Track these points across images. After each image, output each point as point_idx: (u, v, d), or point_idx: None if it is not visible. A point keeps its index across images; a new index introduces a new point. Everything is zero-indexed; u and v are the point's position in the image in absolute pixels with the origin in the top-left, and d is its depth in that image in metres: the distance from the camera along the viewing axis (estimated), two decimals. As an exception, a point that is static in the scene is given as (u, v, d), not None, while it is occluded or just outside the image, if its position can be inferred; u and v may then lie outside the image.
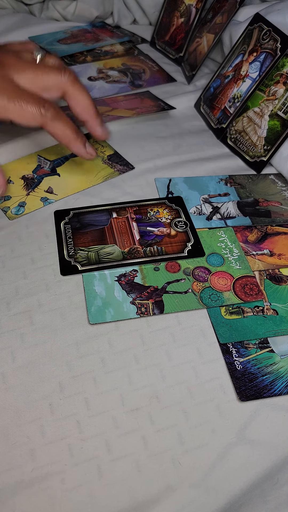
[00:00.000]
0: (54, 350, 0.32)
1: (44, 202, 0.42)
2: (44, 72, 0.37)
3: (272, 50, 0.47)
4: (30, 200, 0.42)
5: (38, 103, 0.36)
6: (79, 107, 0.40)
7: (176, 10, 0.65)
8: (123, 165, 0.47)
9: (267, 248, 0.40)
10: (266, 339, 0.33)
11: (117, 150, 0.49)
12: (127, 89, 0.60)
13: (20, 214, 0.40)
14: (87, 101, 0.40)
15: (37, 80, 0.37)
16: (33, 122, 0.36)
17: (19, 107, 0.35)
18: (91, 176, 0.45)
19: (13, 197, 0.42)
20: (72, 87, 0.38)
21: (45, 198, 0.42)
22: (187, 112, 0.57)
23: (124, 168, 0.47)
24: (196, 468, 0.27)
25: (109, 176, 0.46)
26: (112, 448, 0.28)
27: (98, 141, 0.49)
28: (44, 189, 0.43)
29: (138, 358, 0.32)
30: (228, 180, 0.47)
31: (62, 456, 0.27)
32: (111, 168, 0.46)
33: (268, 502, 0.26)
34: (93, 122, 0.41)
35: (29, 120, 0.36)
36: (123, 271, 0.37)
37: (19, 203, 0.41)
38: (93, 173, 0.46)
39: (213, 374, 0.31)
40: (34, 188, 0.43)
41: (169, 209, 0.42)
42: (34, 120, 0.36)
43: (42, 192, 0.43)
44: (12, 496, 0.26)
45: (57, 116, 0.37)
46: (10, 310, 0.34)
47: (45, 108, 0.36)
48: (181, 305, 0.34)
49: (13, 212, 0.40)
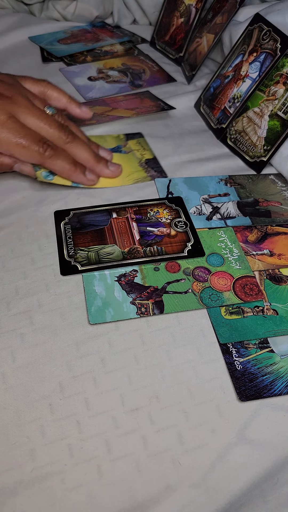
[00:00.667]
0: (54, 350, 0.32)
1: (72, 183, 0.43)
2: (47, 123, 0.40)
3: (272, 50, 0.47)
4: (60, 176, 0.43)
5: (38, 142, 0.39)
6: (78, 159, 0.42)
7: (176, 10, 0.65)
8: (157, 172, 0.47)
9: (267, 248, 0.40)
10: (266, 339, 0.33)
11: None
12: (127, 89, 0.60)
13: (48, 180, 0.42)
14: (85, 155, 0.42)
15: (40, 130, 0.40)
16: (33, 161, 0.40)
17: (21, 147, 0.38)
18: (123, 176, 0.46)
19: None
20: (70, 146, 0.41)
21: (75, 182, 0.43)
22: (187, 112, 0.57)
23: (158, 175, 0.46)
24: (196, 468, 0.27)
25: (141, 179, 0.46)
26: (112, 448, 0.28)
27: (141, 143, 0.50)
28: None
29: (138, 358, 0.32)
30: (228, 180, 0.47)
31: (62, 456, 0.27)
32: (145, 173, 0.46)
33: (268, 502, 0.26)
34: (95, 169, 0.44)
35: (30, 159, 0.39)
36: (123, 271, 0.37)
37: (51, 171, 0.42)
38: (126, 173, 0.46)
39: (213, 374, 0.31)
40: None
41: (169, 209, 0.42)
42: (34, 159, 0.39)
43: None
44: (12, 496, 0.26)
45: (55, 154, 0.40)
46: (10, 310, 0.34)
47: (44, 148, 0.39)
48: (181, 305, 0.34)
49: (43, 175, 0.41)
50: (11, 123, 0.38)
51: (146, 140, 0.51)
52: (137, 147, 0.49)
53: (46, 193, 0.43)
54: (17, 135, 0.38)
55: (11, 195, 0.43)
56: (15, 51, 0.66)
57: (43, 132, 0.40)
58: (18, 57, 0.64)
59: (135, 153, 0.48)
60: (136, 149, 0.49)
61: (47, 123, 0.40)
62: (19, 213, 0.41)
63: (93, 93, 0.59)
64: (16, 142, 0.38)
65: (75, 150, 0.42)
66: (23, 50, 0.66)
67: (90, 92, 0.59)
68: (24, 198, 0.43)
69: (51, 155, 0.39)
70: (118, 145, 0.49)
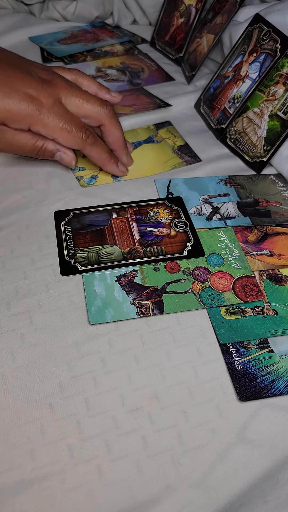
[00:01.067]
0: (54, 350, 0.32)
1: (114, 179, 0.45)
2: (89, 102, 0.41)
3: (271, 50, 0.47)
4: (102, 175, 0.46)
5: (82, 128, 0.40)
6: (111, 138, 0.44)
7: (176, 10, 0.65)
8: (191, 157, 0.49)
9: (267, 248, 0.40)
10: (266, 339, 0.33)
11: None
12: (125, 88, 0.60)
13: (92, 185, 0.44)
14: (119, 134, 0.44)
15: (82, 108, 0.41)
16: (75, 146, 0.41)
17: (66, 131, 0.39)
18: (160, 164, 0.48)
19: (87, 169, 0.46)
20: (110, 121, 0.43)
21: (116, 176, 0.46)
22: (187, 113, 0.57)
23: (192, 159, 0.49)
24: (196, 468, 0.27)
25: (177, 165, 0.48)
26: (112, 448, 0.28)
27: (171, 131, 0.52)
28: None
29: (138, 358, 0.32)
30: (228, 180, 0.47)
31: (62, 456, 0.27)
32: (180, 159, 0.49)
33: (268, 502, 0.26)
34: (120, 152, 0.46)
35: (72, 144, 0.41)
36: (123, 271, 0.37)
37: (92, 175, 0.45)
38: (162, 160, 0.48)
39: (213, 374, 0.31)
40: None
41: (169, 209, 0.42)
42: (76, 144, 0.41)
43: None
44: (12, 496, 0.26)
45: (95, 142, 0.42)
46: (10, 310, 0.34)
47: (86, 135, 0.41)
48: (181, 305, 0.34)
49: (86, 181, 0.45)
50: (57, 108, 0.39)
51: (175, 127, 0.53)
52: (167, 135, 0.51)
53: (46, 193, 0.43)
54: (63, 120, 0.39)
55: (11, 195, 0.43)
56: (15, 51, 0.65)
57: (85, 110, 0.41)
58: (18, 57, 0.64)
59: (167, 141, 0.50)
60: (167, 137, 0.51)
61: (89, 101, 0.41)
62: (19, 213, 0.41)
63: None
64: (61, 127, 0.39)
65: (113, 128, 0.43)
66: (23, 50, 0.66)
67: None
68: (24, 198, 0.43)
69: (92, 142, 0.41)
70: (150, 136, 0.51)
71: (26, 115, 0.37)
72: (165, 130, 0.53)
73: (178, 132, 0.52)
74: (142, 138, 0.51)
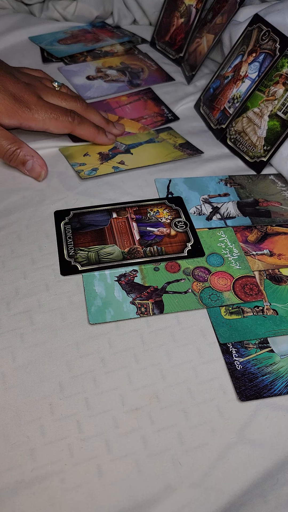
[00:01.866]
0: (54, 350, 0.32)
1: (115, 169, 0.46)
2: (64, 99, 0.47)
3: (271, 50, 0.47)
4: (102, 167, 0.47)
5: (66, 113, 0.45)
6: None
7: (176, 11, 0.65)
8: (192, 151, 0.50)
9: (267, 248, 0.40)
10: (266, 339, 0.33)
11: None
12: (125, 88, 0.60)
13: (92, 175, 0.45)
14: (98, 117, 0.49)
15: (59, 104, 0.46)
16: (66, 130, 0.46)
17: (54, 120, 0.44)
18: (162, 156, 0.49)
19: (87, 164, 0.47)
20: (85, 111, 0.48)
21: (117, 167, 0.47)
22: (187, 113, 0.57)
23: (193, 152, 0.50)
24: (196, 468, 0.27)
25: (179, 157, 0.49)
26: (112, 448, 0.28)
27: (172, 134, 0.53)
28: (117, 161, 0.47)
29: (138, 358, 0.32)
30: (228, 180, 0.47)
31: (62, 456, 0.27)
32: (181, 152, 0.50)
33: (268, 502, 0.26)
34: (107, 128, 0.50)
35: (62, 128, 0.45)
36: (123, 271, 0.37)
37: (92, 168, 0.46)
38: (163, 154, 0.49)
39: (213, 374, 0.31)
40: (107, 160, 0.48)
41: (169, 209, 0.42)
42: (66, 128, 0.45)
43: (115, 163, 0.47)
44: (12, 496, 0.26)
45: (81, 121, 0.46)
46: (10, 310, 0.34)
47: (72, 117, 0.45)
48: (181, 305, 0.34)
49: (86, 173, 0.45)
50: (41, 102, 0.44)
51: (176, 129, 0.54)
52: (168, 137, 0.52)
53: (46, 193, 0.43)
54: (49, 110, 0.44)
55: (11, 195, 0.43)
56: (15, 51, 0.66)
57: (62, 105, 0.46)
58: (18, 57, 0.64)
59: (167, 141, 0.51)
60: (167, 138, 0.52)
61: (65, 99, 0.47)
62: (19, 213, 0.41)
63: (91, 92, 0.59)
64: (50, 117, 0.44)
65: (91, 115, 0.48)
66: (23, 50, 0.66)
67: (88, 91, 0.59)
68: (24, 198, 0.43)
69: (79, 122, 0.46)
70: (150, 138, 0.52)
71: (16, 112, 0.42)
72: (165, 133, 0.53)
73: (179, 134, 0.53)
74: (143, 140, 0.51)
